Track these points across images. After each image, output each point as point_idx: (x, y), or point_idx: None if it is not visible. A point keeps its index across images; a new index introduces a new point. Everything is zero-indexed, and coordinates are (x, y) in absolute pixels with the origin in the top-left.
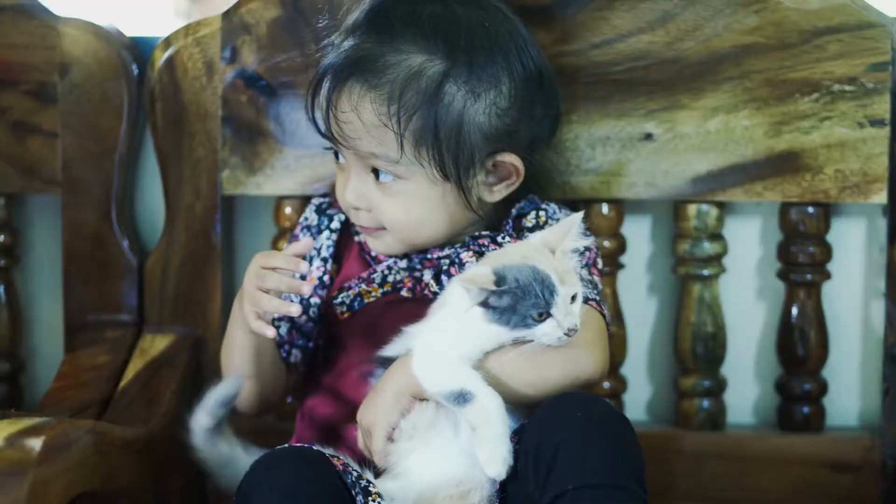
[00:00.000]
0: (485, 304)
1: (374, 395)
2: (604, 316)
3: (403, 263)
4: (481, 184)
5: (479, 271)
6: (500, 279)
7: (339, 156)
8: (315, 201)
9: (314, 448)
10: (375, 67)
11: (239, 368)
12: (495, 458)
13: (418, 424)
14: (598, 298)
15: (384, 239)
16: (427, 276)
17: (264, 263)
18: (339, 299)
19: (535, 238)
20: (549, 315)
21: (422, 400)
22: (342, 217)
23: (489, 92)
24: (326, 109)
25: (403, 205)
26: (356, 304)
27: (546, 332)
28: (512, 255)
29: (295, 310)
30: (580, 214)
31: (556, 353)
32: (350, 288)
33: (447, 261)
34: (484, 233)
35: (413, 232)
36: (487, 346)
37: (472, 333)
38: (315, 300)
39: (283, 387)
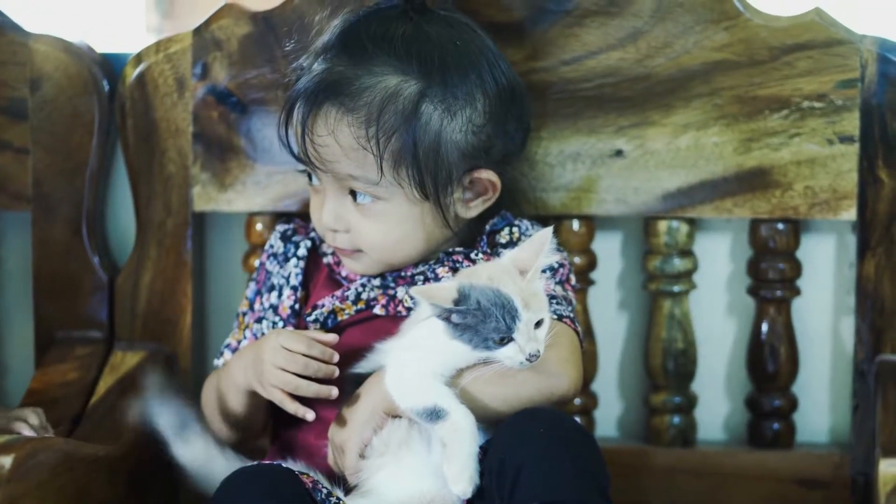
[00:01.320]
0: (447, 319)
1: (346, 411)
2: (577, 333)
3: (377, 281)
4: (458, 201)
5: (443, 286)
6: (462, 298)
7: (314, 178)
8: (279, 228)
9: (283, 466)
10: (351, 91)
11: (233, 423)
12: (462, 476)
13: (390, 441)
14: (571, 315)
15: (362, 260)
16: (401, 292)
17: (291, 347)
18: (313, 317)
19: (506, 257)
20: (511, 339)
21: (395, 417)
22: (308, 243)
23: (465, 109)
24: (302, 134)
25: (382, 225)
26: (329, 321)
27: (508, 355)
28: (480, 274)
29: (335, 393)
30: (549, 231)
31: (531, 371)
32: (323, 305)
33: (422, 277)
34: (458, 249)
35: (391, 252)
36: (455, 363)
37: (439, 349)
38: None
39: (266, 422)
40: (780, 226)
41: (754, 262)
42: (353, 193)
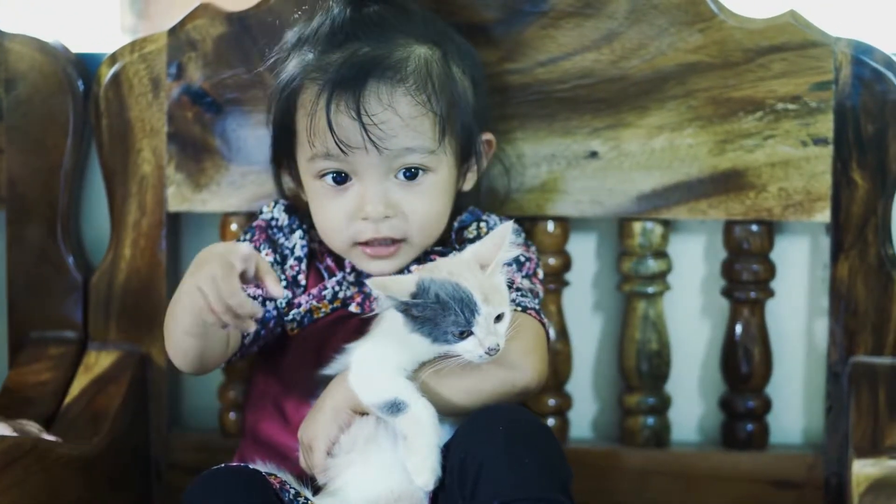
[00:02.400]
0: (406, 312)
1: (314, 410)
2: (543, 325)
3: (352, 278)
4: (470, 169)
5: (401, 279)
6: (421, 291)
7: (333, 178)
8: (283, 202)
9: (250, 467)
10: (391, 64)
11: (185, 322)
12: (424, 468)
13: (357, 438)
14: (537, 308)
15: (399, 253)
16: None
17: (205, 290)
18: (291, 316)
19: (467, 251)
20: (470, 333)
21: (362, 414)
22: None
23: (473, 71)
24: (358, 117)
25: (430, 200)
26: (306, 320)
27: (467, 349)
28: (441, 269)
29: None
30: (510, 225)
31: (493, 363)
32: (301, 305)
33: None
34: (435, 248)
35: (432, 231)
36: (416, 357)
37: (399, 342)
38: (287, 293)
39: (223, 355)
40: (754, 227)
41: (728, 263)
42: (396, 174)
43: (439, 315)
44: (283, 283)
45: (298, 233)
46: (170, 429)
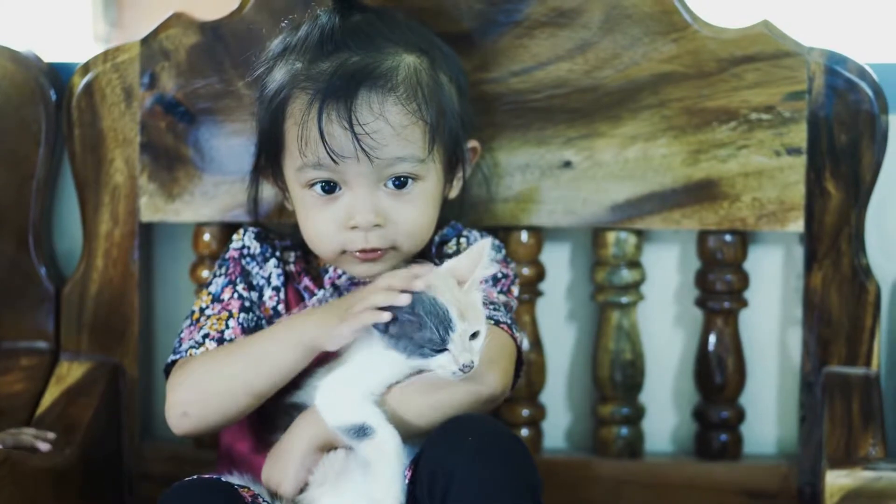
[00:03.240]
0: (383, 329)
1: (279, 450)
2: (515, 339)
3: (333, 299)
4: (456, 176)
5: None
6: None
7: (322, 187)
8: (252, 230)
9: (223, 479)
10: (381, 73)
11: (258, 385)
12: (388, 497)
13: (329, 473)
14: (508, 322)
15: (386, 259)
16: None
17: (395, 285)
18: None
19: (444, 266)
20: (445, 349)
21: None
22: (279, 245)
23: (459, 77)
24: (350, 127)
25: (419, 208)
26: None
27: (441, 364)
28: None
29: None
30: (487, 242)
31: None
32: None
33: None
34: (418, 260)
35: (420, 238)
36: (388, 377)
37: (372, 361)
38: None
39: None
40: (728, 237)
41: (702, 273)
42: (385, 183)
43: (415, 330)
44: (263, 320)
45: (273, 261)
46: (142, 439)
